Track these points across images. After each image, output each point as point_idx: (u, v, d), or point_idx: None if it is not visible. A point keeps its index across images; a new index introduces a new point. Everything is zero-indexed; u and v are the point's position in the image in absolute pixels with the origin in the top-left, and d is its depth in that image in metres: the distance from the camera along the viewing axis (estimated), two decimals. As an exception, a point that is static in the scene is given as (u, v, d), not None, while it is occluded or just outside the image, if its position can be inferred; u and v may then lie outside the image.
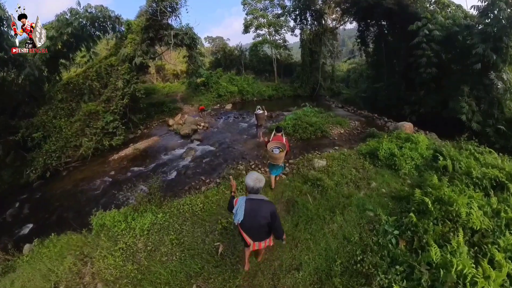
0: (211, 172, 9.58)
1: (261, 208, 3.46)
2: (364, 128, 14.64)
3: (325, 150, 10.90)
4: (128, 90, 14.64)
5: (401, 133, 11.21)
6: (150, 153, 12.72)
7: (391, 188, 7.31)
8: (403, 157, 8.69)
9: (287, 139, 7.93)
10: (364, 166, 8.49)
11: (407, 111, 17.98)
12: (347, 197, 6.60)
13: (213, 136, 14.09)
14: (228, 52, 34.33)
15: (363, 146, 9.93)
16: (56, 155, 12.57)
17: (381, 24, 23.74)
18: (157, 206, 7.06)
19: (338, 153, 9.56)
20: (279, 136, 6.73)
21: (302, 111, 16.15)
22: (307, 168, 8.36)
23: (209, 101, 22.00)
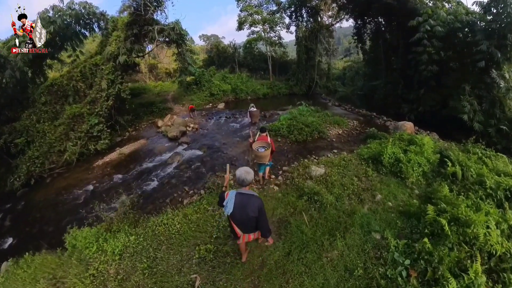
0: (196, 181, 8.62)
1: (250, 202, 3.55)
2: (363, 128, 13.77)
3: (323, 153, 10.01)
4: (113, 91, 13.66)
5: (404, 134, 10.39)
6: (135, 158, 11.74)
7: (399, 201, 6.43)
8: (409, 163, 7.81)
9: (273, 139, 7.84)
10: (367, 173, 7.60)
11: (405, 110, 17.28)
12: (349, 215, 5.66)
13: (202, 139, 13.12)
14: (221, 49, 33.09)
15: (364, 150, 9.02)
16: (40, 161, 11.76)
17: (379, 21, 22.88)
18: (132, 225, 6.23)
19: (338, 158, 8.66)
20: (264, 136, 6.80)
21: (297, 110, 15.16)
22: (303, 178, 7.41)
23: (201, 101, 20.91)
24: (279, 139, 11.65)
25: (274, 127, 12.50)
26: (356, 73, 34.01)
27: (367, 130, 13.20)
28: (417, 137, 9.83)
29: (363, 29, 25.03)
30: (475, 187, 7.02)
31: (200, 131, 14.39)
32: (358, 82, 31.23)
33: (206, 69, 26.49)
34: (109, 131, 13.52)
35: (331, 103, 22.18)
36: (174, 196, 7.97)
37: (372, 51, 24.11)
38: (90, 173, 10.96)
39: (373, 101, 21.81)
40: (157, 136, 14.27)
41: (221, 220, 5.69)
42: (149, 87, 26.70)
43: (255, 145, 6.51)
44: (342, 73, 38.49)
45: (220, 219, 5.75)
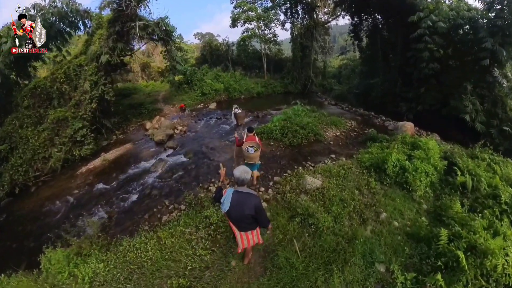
0: (178, 193, 7.69)
1: (247, 200, 3.53)
2: (362, 128, 12.94)
3: (320, 159, 9.14)
4: (96, 93, 12.63)
5: (406, 137, 9.57)
6: (119, 165, 10.78)
7: (405, 219, 5.58)
8: (416, 172, 6.92)
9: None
10: (369, 185, 6.74)
11: (403, 108, 16.52)
12: (349, 240, 4.80)
13: (189, 143, 12.11)
14: (214, 47, 31.83)
15: (365, 156, 8.17)
16: (23, 169, 10.88)
17: (376, 18, 21.98)
18: (103, 248, 5.47)
19: (337, 166, 7.77)
20: (252, 136, 6.61)
21: (292, 110, 14.09)
22: (296, 192, 6.50)
23: (192, 100, 19.81)
24: (271, 143, 10.66)
25: (266, 129, 11.51)
26: (352, 71, 33.27)
27: (366, 132, 12.43)
28: (421, 140, 9.03)
29: (360, 26, 24.10)
30: (488, 201, 6.21)
31: (188, 134, 13.41)
32: (354, 80, 30.42)
33: (199, 68, 25.48)
34: (92, 136, 12.58)
35: (327, 102, 21.28)
36: (154, 211, 7.06)
37: (369, 48, 23.23)
38: (73, 181, 10.10)
39: (370, 100, 20.95)
40: (144, 139, 13.29)
41: (197, 247, 4.81)
42: (140, 87, 25.55)
43: (244, 146, 6.35)
44: (338, 71, 37.60)
45: (197, 245, 4.86)
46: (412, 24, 14.52)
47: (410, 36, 14.25)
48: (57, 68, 13.86)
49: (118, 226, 6.81)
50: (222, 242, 5.04)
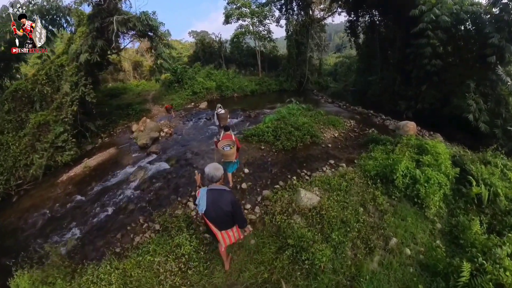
0: (155, 208, 6.63)
1: (222, 197, 3.44)
2: (362, 129, 11.96)
3: (317, 166, 8.15)
4: (76, 95, 11.61)
5: (412, 139, 8.68)
6: (100, 173, 9.79)
7: (419, 245, 4.66)
8: (428, 183, 5.96)
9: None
10: (375, 200, 5.80)
11: (402, 107, 15.77)
12: (352, 278, 3.83)
13: (174, 147, 10.99)
14: (206, 44, 30.49)
15: (369, 163, 7.24)
16: (5, 177, 10.08)
17: (373, 14, 21.04)
18: (67, 276, 4.73)
19: (337, 176, 6.78)
20: (228, 135, 6.67)
21: (286, 109, 13.05)
22: (288, 213, 5.45)
23: (182, 100, 18.60)
24: (262, 147, 9.52)
25: (257, 131, 10.35)
26: (348, 69, 32.50)
27: (367, 132, 11.54)
28: (427, 142, 8.14)
29: (357, 22, 23.33)
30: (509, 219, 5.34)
31: (174, 137, 12.30)
32: (350, 77, 29.86)
33: (191, 66, 24.33)
34: (74, 141, 11.59)
35: (324, 100, 20.21)
36: (127, 229, 6.09)
37: (367, 45, 22.35)
38: (53, 191, 9.17)
39: (367, 97, 20.30)
40: (129, 143, 12.20)
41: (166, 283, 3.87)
42: (130, 87, 24.27)
43: (220, 144, 6.33)
44: (334, 68, 37.15)
45: (165, 281, 3.91)
46: (412, 19, 13.67)
47: (411, 31, 13.32)
48: (38, 69, 12.90)
49: (90, 245, 5.95)
50: (194, 279, 4.08)
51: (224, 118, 9.89)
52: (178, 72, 19.98)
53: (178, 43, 39.40)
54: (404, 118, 14.87)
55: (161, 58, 13.89)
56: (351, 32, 23.52)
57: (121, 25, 10.61)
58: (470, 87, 12.39)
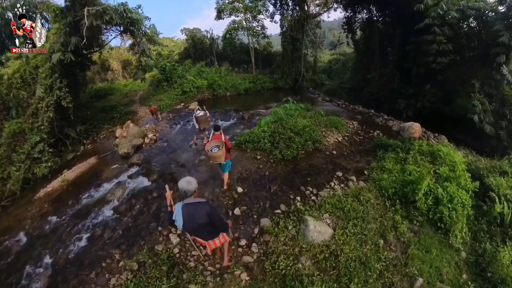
0: (133, 239, 5.59)
1: (197, 211, 3.33)
2: (366, 131, 11.04)
3: (323, 180, 7.04)
4: (51, 100, 10.46)
5: (423, 145, 7.93)
6: (78, 188, 8.65)
7: (445, 283, 3.90)
8: (451, 204, 5.07)
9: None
10: (396, 228, 4.92)
11: (401, 105, 15.06)
12: None
13: (157, 157, 9.72)
14: (197, 41, 29.06)
15: (383, 176, 6.35)
16: None
17: (371, 9, 20.07)
18: None
19: (350, 198, 5.70)
20: (218, 135, 6.23)
21: (283, 109, 11.87)
22: (295, 253, 4.36)
23: (171, 100, 17.29)
24: (258, 156, 8.37)
25: (252, 136, 9.21)
26: (343, 66, 31.65)
27: (372, 135, 10.66)
28: (440, 149, 7.42)
29: (354, 18, 22.35)
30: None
31: (158, 144, 11.01)
32: (345, 75, 29.01)
33: (182, 64, 23.08)
34: (51, 151, 10.45)
35: (321, 98, 19.23)
36: (102, 266, 5.05)
37: (364, 41, 21.39)
38: (30, 209, 8.08)
39: (364, 95, 19.52)
40: (111, 151, 10.96)
41: None
42: (118, 87, 22.84)
43: (208, 146, 5.92)
44: (328, 66, 36.43)
45: None
46: (413, 14, 12.89)
47: (415, 27, 12.42)
48: (13, 71, 11.61)
49: (64, 284, 4.96)
50: None
51: (204, 120, 8.91)
52: (167, 70, 18.72)
53: (170, 40, 38.10)
54: (404, 117, 14.37)
55: (145, 55, 12.63)
56: (348, 28, 22.51)
57: (96, 18, 9.31)
58: (474, 86, 11.71)
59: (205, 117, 9.03)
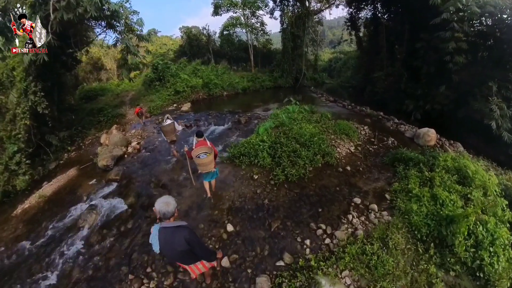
0: (102, 284, 4.42)
1: (175, 236, 2.89)
2: (379, 139, 9.69)
3: (337, 211, 5.61)
4: (25, 105, 9.39)
5: (448, 160, 6.73)
6: (53, 207, 7.50)
7: None
8: (493, 247, 3.87)
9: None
10: (430, 280, 3.76)
11: (409, 107, 13.88)
12: None
13: (138, 172, 8.31)
14: (193, 37, 27.53)
15: (413, 208, 5.03)
16: None
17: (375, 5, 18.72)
18: None
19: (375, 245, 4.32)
20: (202, 141, 5.50)
21: (285, 112, 10.42)
22: None
23: (162, 101, 15.90)
24: (256, 176, 6.84)
25: (248, 148, 7.74)
26: (344, 65, 30.35)
27: (386, 143, 9.36)
28: (467, 165, 6.26)
29: (358, 14, 20.95)
30: None
31: (142, 154, 9.58)
32: (346, 73, 27.82)
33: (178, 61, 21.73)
34: (28, 163, 9.30)
35: (325, 98, 17.78)
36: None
37: (369, 39, 20.06)
38: (6, 229, 7.06)
39: (365, 95, 18.35)
40: (91, 162, 9.67)
41: None
42: (110, 87, 21.48)
43: (194, 153, 5.33)
44: (328, 64, 35.32)
45: None
46: (426, 9, 11.67)
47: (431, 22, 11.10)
48: None
49: None
50: None
51: (169, 131, 7.65)
52: (159, 69, 17.33)
53: (168, 39, 36.78)
54: (411, 120, 13.14)
55: (129, 52, 11.28)
56: (351, 25, 21.19)
57: (67, 12, 7.95)
58: (491, 89, 10.46)
59: (170, 128, 7.71)
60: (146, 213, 6.06)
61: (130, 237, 5.39)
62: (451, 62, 10.80)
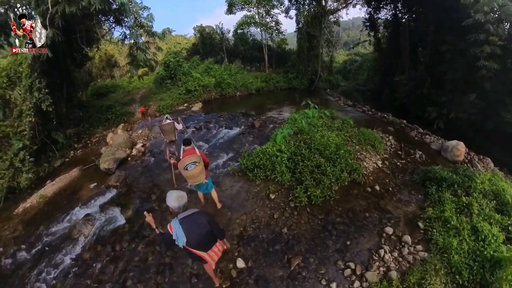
0: None
1: (197, 220, 3.12)
2: (406, 151, 8.63)
3: (368, 244, 4.70)
4: (30, 102, 9.16)
5: (485, 182, 5.81)
6: (52, 210, 7.08)
7: None
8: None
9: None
10: None
11: (432, 114, 12.90)
12: None
13: (140, 178, 7.66)
14: (206, 35, 26.80)
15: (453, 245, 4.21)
16: None
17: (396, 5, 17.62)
18: None
19: None
20: (190, 149, 5.00)
21: (304, 116, 9.22)
22: None
23: (173, 100, 15.22)
24: (272, 195, 5.92)
25: (263, 159, 6.73)
26: (359, 67, 29.17)
27: (414, 157, 8.31)
28: (505, 188, 5.47)
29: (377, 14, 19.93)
30: None
31: (146, 159, 8.85)
32: (361, 76, 26.95)
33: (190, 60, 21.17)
34: (32, 161, 9.06)
35: (343, 102, 16.62)
36: None
37: (389, 40, 18.93)
38: (6, 228, 6.87)
39: (382, 99, 17.46)
40: (95, 162, 9.16)
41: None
42: (122, 85, 21.07)
43: (182, 164, 4.59)
44: (343, 66, 34.33)
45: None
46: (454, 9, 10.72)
47: (463, 23, 9.99)
48: (1, 69, 10.47)
49: None
50: None
51: (167, 131, 7.08)
52: (171, 67, 16.74)
53: (182, 38, 36.59)
54: (433, 129, 12.10)
55: (137, 47, 10.75)
56: (370, 25, 20.14)
57: (69, 4, 7.36)
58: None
59: (170, 127, 7.15)
60: (144, 231, 5.35)
61: (125, 259, 4.76)
62: (484, 68, 9.69)
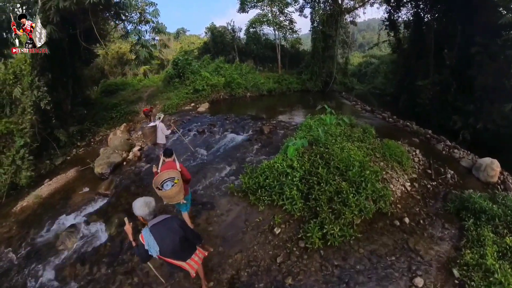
0: None
1: (168, 225, 2.88)
2: (436, 169, 7.24)
3: None
4: (29, 100, 9.11)
5: None
6: (44, 212, 6.89)
7: None
8: None
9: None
10: None
11: (457, 124, 11.69)
12: None
13: (131, 187, 7.01)
14: (217, 33, 25.80)
15: None
16: None
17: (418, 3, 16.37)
18: None
19: None
20: (171, 162, 4.36)
21: (319, 123, 8.02)
22: None
23: (180, 99, 14.50)
24: (277, 229, 4.74)
25: (270, 177, 5.49)
26: (376, 70, 27.81)
27: (445, 177, 6.99)
28: None
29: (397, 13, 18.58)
30: None
31: (141, 164, 8.21)
32: (377, 79, 25.63)
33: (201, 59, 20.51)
34: (31, 159, 8.93)
35: (360, 107, 15.29)
36: None
37: (411, 41, 17.59)
38: (4, 225, 6.88)
39: (400, 104, 16.30)
40: (93, 164, 8.71)
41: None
42: (132, 82, 20.65)
43: (157, 180, 3.95)
44: (358, 69, 33.05)
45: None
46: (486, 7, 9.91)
47: (499, 21, 8.80)
48: (8, 67, 10.45)
49: None
50: None
51: (146, 134, 6.34)
52: (179, 65, 16.02)
53: (196, 38, 36.19)
54: (459, 140, 10.81)
55: (140, 44, 10.12)
56: (389, 25, 18.85)
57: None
58: None
59: (150, 131, 6.61)
60: (124, 255, 4.68)
61: (102, 282, 4.27)
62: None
